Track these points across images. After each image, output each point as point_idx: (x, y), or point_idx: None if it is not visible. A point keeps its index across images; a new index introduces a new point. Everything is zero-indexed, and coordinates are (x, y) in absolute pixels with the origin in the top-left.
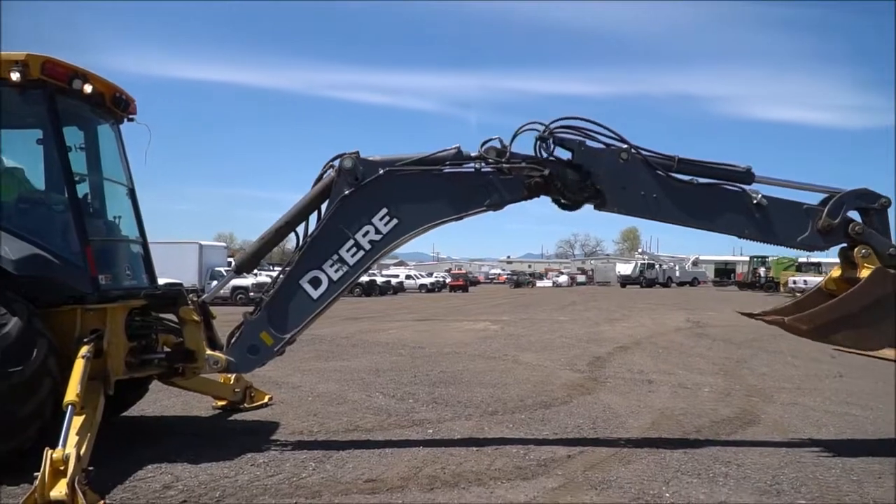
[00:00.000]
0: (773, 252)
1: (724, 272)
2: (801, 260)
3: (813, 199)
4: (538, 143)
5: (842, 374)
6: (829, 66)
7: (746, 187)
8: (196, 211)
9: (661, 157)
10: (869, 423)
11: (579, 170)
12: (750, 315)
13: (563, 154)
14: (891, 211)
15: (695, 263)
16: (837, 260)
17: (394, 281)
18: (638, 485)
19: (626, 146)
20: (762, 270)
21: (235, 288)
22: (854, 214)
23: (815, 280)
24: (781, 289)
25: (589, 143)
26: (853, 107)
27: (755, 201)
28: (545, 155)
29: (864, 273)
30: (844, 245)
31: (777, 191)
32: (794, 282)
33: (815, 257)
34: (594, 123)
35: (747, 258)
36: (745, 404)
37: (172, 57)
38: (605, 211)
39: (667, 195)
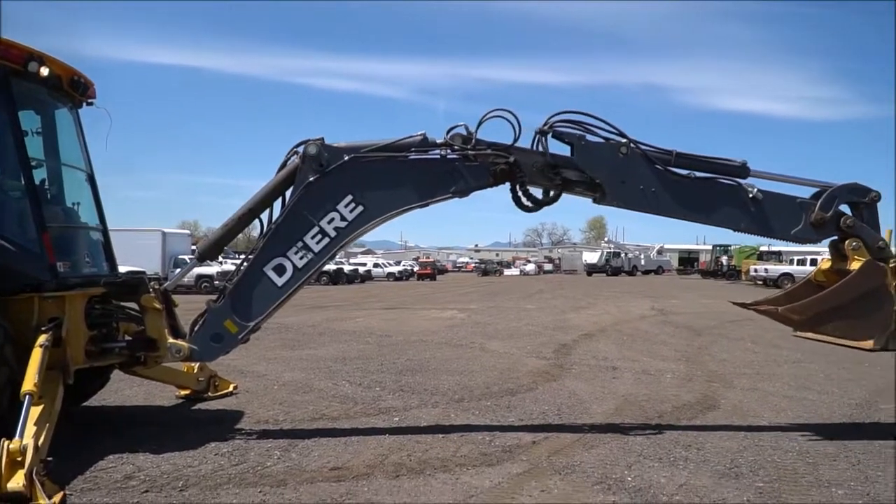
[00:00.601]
0: (735, 241)
1: (688, 261)
2: (762, 248)
3: (803, 192)
4: (537, 136)
5: (800, 361)
6: (795, 58)
7: (742, 181)
8: (159, 198)
9: (659, 151)
10: (825, 408)
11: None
12: (743, 305)
13: (562, 148)
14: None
15: (659, 252)
16: (798, 249)
17: (361, 269)
18: (601, 469)
19: (625, 140)
20: (724, 259)
21: (200, 276)
22: (844, 208)
23: (775, 268)
24: (743, 277)
25: (589, 137)
26: (818, 99)
27: (751, 195)
28: (541, 149)
29: (855, 265)
30: (835, 238)
31: (769, 184)
32: (756, 270)
33: (776, 246)
34: (593, 118)
35: (710, 247)
36: (706, 390)
37: (135, 41)
38: (604, 204)
39: (665, 189)
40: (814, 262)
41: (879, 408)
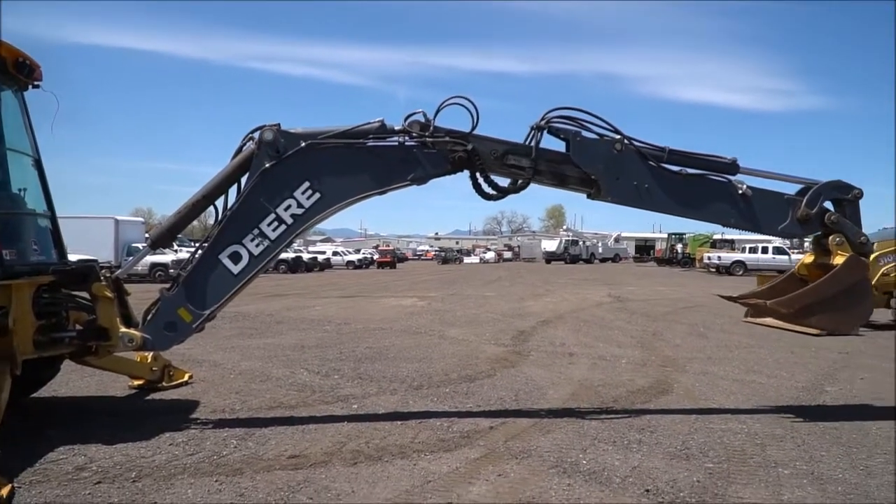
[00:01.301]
0: (690, 229)
1: (644, 248)
2: (715, 237)
3: (789, 188)
4: (533, 132)
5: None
6: (749, 50)
7: (732, 178)
8: (112, 184)
9: (653, 147)
10: (772, 391)
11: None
12: (730, 298)
13: (556, 143)
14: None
15: (617, 240)
16: (749, 237)
17: (320, 257)
18: (557, 453)
19: (619, 137)
20: (679, 247)
21: (154, 265)
22: (827, 204)
23: (728, 256)
24: (697, 264)
25: (584, 133)
26: (770, 90)
27: (740, 192)
28: (533, 144)
29: (838, 260)
30: (818, 233)
31: (756, 180)
32: (709, 258)
33: (729, 234)
34: (588, 114)
35: (666, 235)
36: (659, 374)
37: (85, 22)
38: (599, 200)
39: (659, 185)
40: (765, 251)
41: (825, 390)
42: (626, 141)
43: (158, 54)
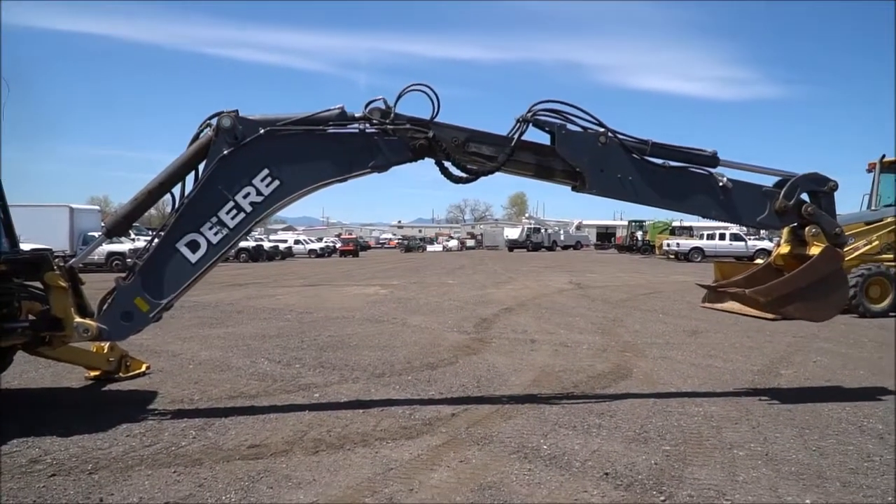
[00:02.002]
0: (650, 216)
1: (605, 236)
2: (674, 224)
3: (766, 180)
4: (518, 124)
5: (705, 330)
6: (706, 40)
7: (713, 170)
8: (67, 172)
9: (636, 141)
10: (728, 374)
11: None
12: (708, 287)
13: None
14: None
15: (578, 227)
16: (708, 224)
17: (282, 246)
18: (518, 439)
19: (603, 130)
20: (639, 234)
21: (111, 254)
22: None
23: (686, 243)
24: (657, 251)
25: (569, 126)
26: (726, 78)
27: (721, 184)
28: (515, 136)
29: (814, 251)
30: (794, 224)
31: (736, 172)
32: (668, 244)
33: (688, 221)
34: (573, 107)
35: (626, 223)
36: (619, 360)
37: (35, 4)
38: (583, 192)
39: (642, 178)
40: (722, 237)
41: (780, 374)
42: (610, 134)
43: (111, 38)
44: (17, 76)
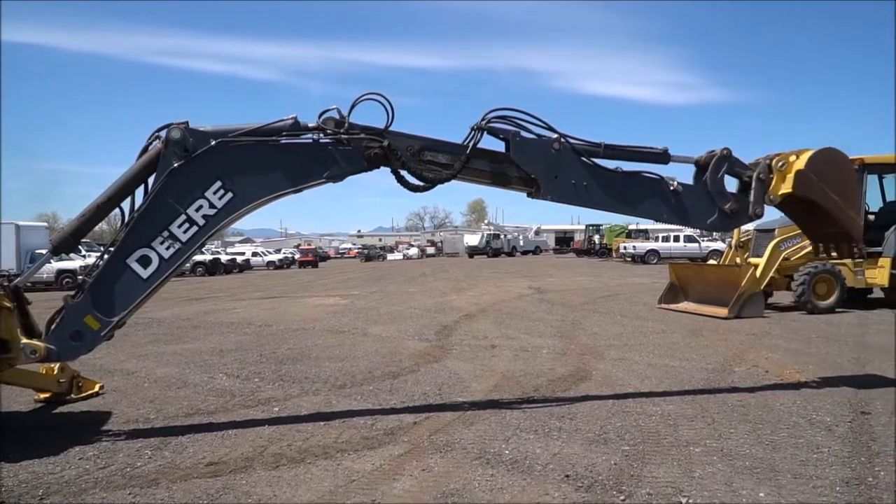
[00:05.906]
0: (606, 220)
1: (564, 240)
2: (630, 227)
3: None
4: (473, 132)
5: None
6: (655, 46)
7: (664, 175)
8: (12, 188)
9: (589, 144)
10: (685, 373)
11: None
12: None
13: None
14: None
15: (537, 233)
16: (663, 227)
17: (239, 258)
18: (480, 444)
19: (556, 136)
20: (597, 238)
21: (61, 271)
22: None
23: (642, 245)
24: (614, 255)
25: (523, 133)
26: (673, 83)
27: (672, 188)
28: (470, 144)
29: (799, 164)
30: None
31: (688, 168)
32: (625, 248)
33: (643, 224)
34: (525, 113)
35: (584, 227)
36: (578, 362)
37: None
38: (539, 198)
39: (596, 183)
40: (677, 239)
41: (733, 371)
42: (563, 140)
43: (58, 50)
44: None
